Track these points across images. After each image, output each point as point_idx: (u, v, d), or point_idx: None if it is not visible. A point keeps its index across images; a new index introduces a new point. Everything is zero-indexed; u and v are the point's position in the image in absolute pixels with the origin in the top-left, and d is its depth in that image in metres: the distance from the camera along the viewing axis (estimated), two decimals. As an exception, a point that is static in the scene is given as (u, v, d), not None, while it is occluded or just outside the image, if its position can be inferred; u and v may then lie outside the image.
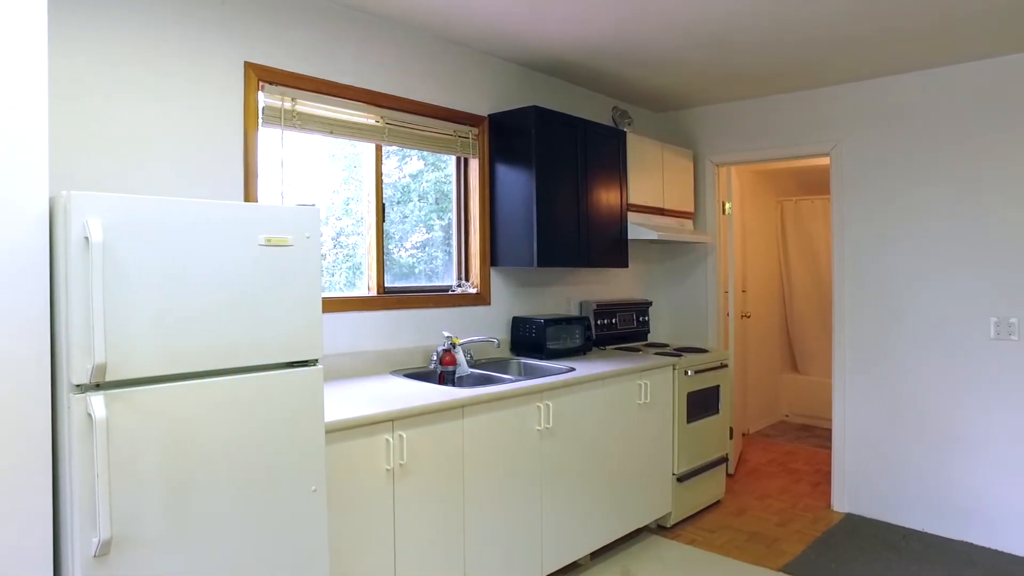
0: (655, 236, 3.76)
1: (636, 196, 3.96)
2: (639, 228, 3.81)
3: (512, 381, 2.78)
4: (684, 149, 4.43)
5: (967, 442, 3.49)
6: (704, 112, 4.53)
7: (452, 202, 3.43)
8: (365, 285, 3.04)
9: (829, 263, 5.91)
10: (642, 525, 3.36)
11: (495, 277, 3.49)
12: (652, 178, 4.11)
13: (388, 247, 3.13)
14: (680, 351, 3.85)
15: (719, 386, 3.91)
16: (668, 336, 4.74)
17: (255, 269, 1.80)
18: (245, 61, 2.50)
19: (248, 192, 2.52)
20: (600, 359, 3.46)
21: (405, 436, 2.27)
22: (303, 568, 1.89)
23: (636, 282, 4.54)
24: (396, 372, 2.95)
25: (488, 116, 3.42)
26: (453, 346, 3.04)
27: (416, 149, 3.17)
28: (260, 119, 2.56)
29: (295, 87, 2.66)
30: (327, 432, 2.04)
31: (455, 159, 3.42)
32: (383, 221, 3.07)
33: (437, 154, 3.31)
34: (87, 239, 1.50)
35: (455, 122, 3.29)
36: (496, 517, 2.61)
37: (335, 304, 2.80)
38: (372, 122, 2.95)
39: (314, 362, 1.94)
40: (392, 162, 3.21)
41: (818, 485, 4.32)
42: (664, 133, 4.73)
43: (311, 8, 2.71)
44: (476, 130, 3.39)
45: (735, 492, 4.18)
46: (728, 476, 4.47)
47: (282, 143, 2.66)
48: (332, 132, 2.81)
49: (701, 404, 3.74)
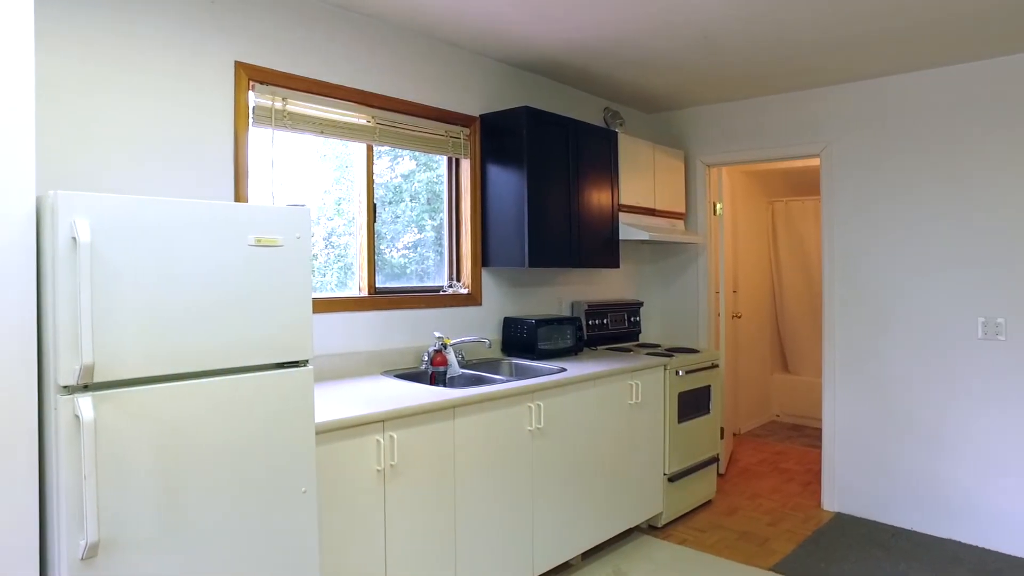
0: (646, 237, 3.77)
1: (627, 197, 3.97)
2: (630, 229, 3.82)
3: (503, 381, 2.78)
4: (675, 150, 4.45)
5: (955, 442, 3.52)
6: (695, 113, 4.54)
7: (443, 202, 3.43)
8: (356, 285, 3.03)
9: (819, 264, 5.94)
10: (633, 525, 3.36)
11: (486, 277, 3.49)
12: (643, 179, 4.12)
13: (380, 247, 3.12)
14: (671, 351, 3.86)
15: (710, 386, 3.93)
16: (659, 336, 4.75)
17: (245, 269, 1.79)
18: (235, 61, 2.49)
19: (238, 192, 2.51)
20: (591, 359, 3.47)
21: (396, 437, 2.26)
22: (293, 570, 1.88)
23: (627, 283, 4.55)
24: (387, 372, 2.95)
25: (480, 116, 3.42)
26: (444, 346, 3.04)
27: (407, 149, 3.17)
28: (250, 119, 2.55)
29: (286, 87, 2.66)
30: (318, 433, 2.03)
31: (446, 159, 3.42)
32: (374, 221, 3.06)
33: (429, 154, 3.31)
34: (75, 239, 1.49)
35: (446, 122, 3.29)
36: (487, 518, 2.61)
37: (326, 304, 2.79)
38: (363, 122, 2.95)
39: (304, 363, 1.94)
40: (384, 162, 3.20)
41: (808, 485, 4.34)
42: (655, 134, 4.74)
43: (302, 8, 2.71)
44: (467, 130, 3.39)
45: (726, 492, 4.20)
46: (719, 476, 4.49)
47: (272, 143, 2.65)
48: (323, 132, 2.80)
49: (692, 404, 3.75)
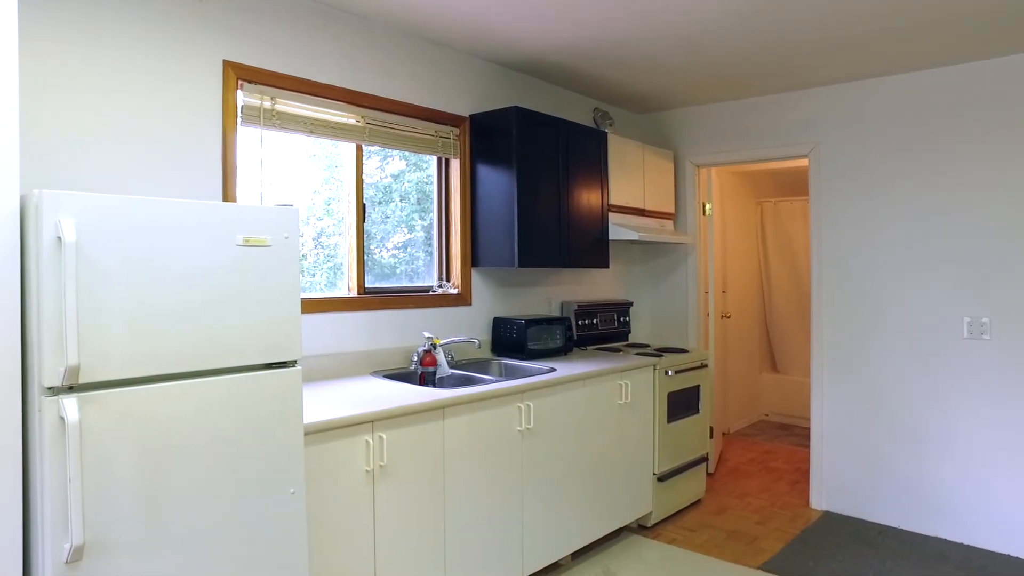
0: (636, 237, 3.78)
1: (617, 197, 3.98)
2: (620, 229, 3.83)
3: (493, 382, 2.78)
4: (665, 150, 4.46)
5: (941, 440, 3.55)
6: (685, 114, 4.56)
7: (433, 202, 3.42)
8: (345, 286, 3.02)
9: (808, 264, 5.98)
10: (623, 525, 3.37)
11: (476, 278, 3.49)
12: (633, 179, 4.13)
13: (370, 247, 3.12)
14: (661, 351, 3.87)
15: (699, 386, 3.94)
16: (649, 336, 4.77)
17: (233, 270, 1.78)
18: (223, 60, 2.48)
19: (227, 192, 2.50)
20: (581, 359, 3.48)
21: (385, 437, 2.26)
22: (282, 571, 1.87)
23: (617, 283, 4.56)
24: (376, 373, 2.94)
25: (469, 116, 3.42)
26: (434, 347, 3.04)
27: (397, 149, 3.16)
28: (239, 118, 2.54)
29: (275, 86, 2.64)
30: (306, 434, 2.02)
31: (436, 159, 3.41)
32: (363, 222, 3.05)
33: (419, 154, 3.30)
34: (60, 239, 1.48)
35: (436, 122, 3.28)
36: (477, 518, 2.61)
37: (315, 305, 2.78)
38: (353, 122, 2.94)
39: (293, 363, 1.93)
40: (374, 162, 3.19)
41: (797, 484, 4.36)
42: (645, 134, 4.75)
43: (291, 6, 2.69)
44: (457, 130, 3.38)
45: (715, 491, 4.21)
46: (708, 475, 4.51)
47: (261, 142, 2.64)
48: (312, 132, 2.79)
49: (681, 404, 3.76)
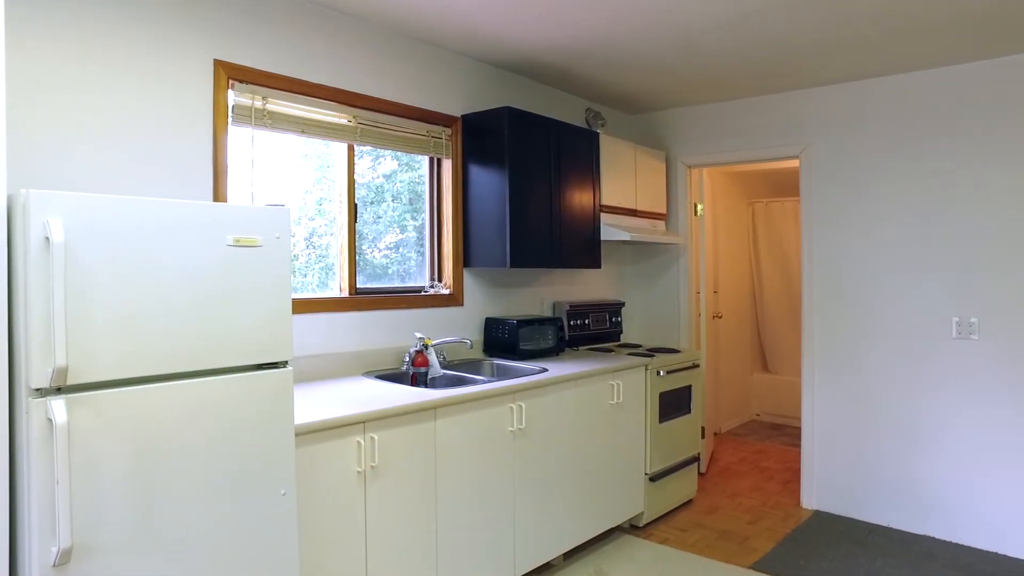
0: (628, 237, 3.79)
1: (609, 197, 3.98)
2: (612, 229, 3.83)
3: (485, 382, 2.77)
4: (657, 151, 4.47)
5: (929, 440, 3.57)
6: (676, 114, 4.57)
7: (425, 203, 3.42)
8: (337, 286, 3.01)
9: (799, 264, 6.01)
10: (615, 525, 3.38)
11: (468, 278, 3.48)
12: (625, 179, 4.14)
13: (361, 248, 3.11)
14: (652, 351, 3.88)
15: (691, 386, 3.95)
16: (641, 337, 4.78)
17: (223, 270, 1.77)
18: (214, 59, 2.47)
19: (217, 192, 2.48)
20: (573, 360, 3.48)
21: (376, 438, 2.25)
22: (273, 572, 1.87)
23: (609, 283, 4.57)
24: (368, 373, 2.93)
25: (461, 117, 3.42)
26: (425, 347, 3.03)
27: (388, 149, 3.16)
28: (230, 118, 2.52)
29: (266, 86, 2.63)
30: (297, 434, 2.02)
31: (428, 159, 3.41)
32: (355, 222, 3.04)
33: (410, 154, 3.29)
34: (48, 239, 1.47)
35: (428, 122, 3.28)
36: (469, 519, 2.60)
37: (306, 305, 2.77)
38: (344, 122, 2.93)
39: (284, 364, 1.92)
40: (366, 162, 3.19)
41: (788, 483, 4.38)
42: (637, 135, 4.76)
43: (282, 6, 2.68)
44: (449, 131, 3.38)
45: (707, 491, 4.23)
46: (700, 475, 4.52)
47: (252, 142, 2.63)
48: (304, 132, 2.78)
49: (673, 404, 3.77)
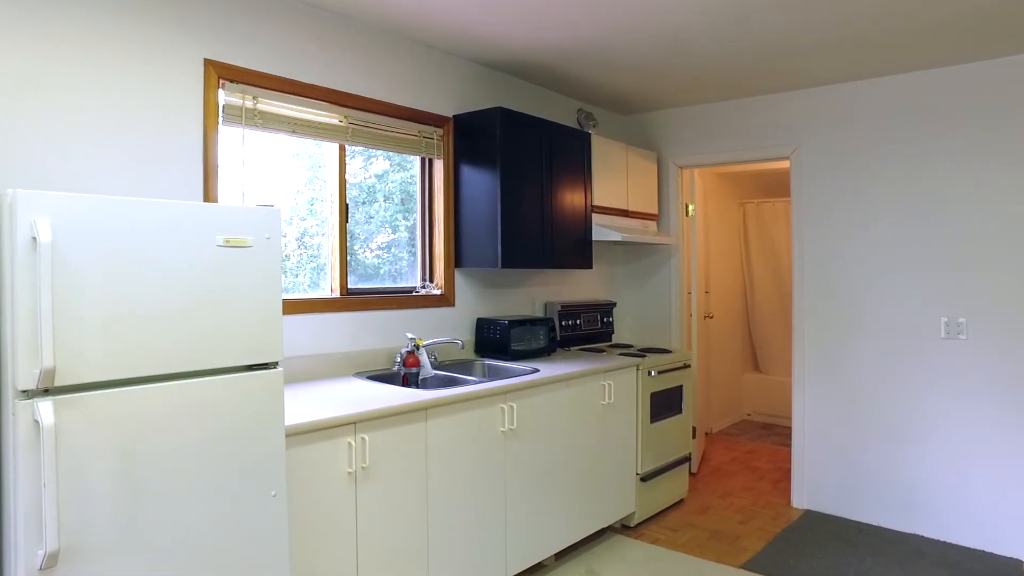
0: (619, 238, 3.79)
1: (601, 198, 3.99)
2: (603, 230, 3.84)
3: (476, 383, 2.77)
4: (648, 151, 4.48)
5: (918, 439, 3.60)
6: (668, 115, 4.59)
7: (417, 203, 3.41)
8: (328, 286, 3.01)
9: (790, 265, 6.03)
10: (606, 525, 3.38)
11: (459, 278, 3.48)
12: (616, 180, 4.15)
13: (353, 248, 3.10)
14: (644, 352, 3.89)
15: (682, 386, 3.96)
16: (632, 337, 4.79)
17: (213, 270, 1.76)
18: (205, 58, 2.45)
19: (207, 192, 2.47)
20: (564, 360, 3.48)
21: (367, 439, 2.25)
22: (263, 574, 1.86)
23: (600, 283, 4.57)
24: (359, 374, 2.93)
25: (453, 117, 3.41)
26: (417, 348, 3.03)
27: (380, 149, 3.15)
28: (220, 117, 2.51)
29: (257, 85, 2.62)
30: (288, 435, 2.01)
31: (420, 160, 3.40)
32: (346, 222, 3.04)
33: (402, 155, 3.29)
34: (35, 239, 1.46)
35: (420, 123, 3.27)
36: (460, 519, 2.60)
37: (297, 306, 2.76)
38: (336, 122, 2.92)
39: (274, 365, 1.91)
40: (358, 162, 3.18)
41: (779, 483, 4.40)
42: (629, 135, 4.77)
43: (273, 6, 2.67)
44: (441, 131, 3.37)
45: (698, 491, 4.24)
46: (691, 475, 4.54)
47: (243, 142, 2.62)
48: (295, 131, 2.77)
49: (664, 404, 3.78)
